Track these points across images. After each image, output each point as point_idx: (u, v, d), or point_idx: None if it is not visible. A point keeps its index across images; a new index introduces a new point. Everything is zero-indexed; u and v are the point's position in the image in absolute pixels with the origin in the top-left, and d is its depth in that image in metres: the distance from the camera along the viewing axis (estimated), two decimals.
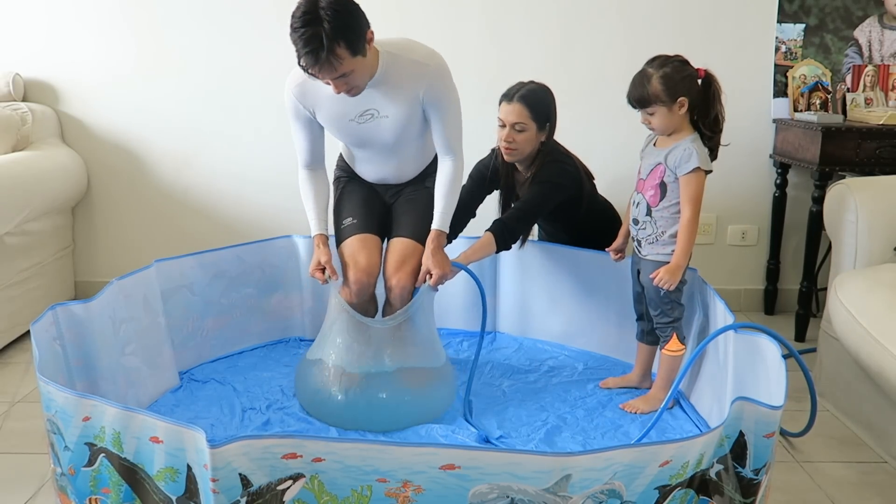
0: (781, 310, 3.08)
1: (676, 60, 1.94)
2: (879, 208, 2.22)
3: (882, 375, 1.86)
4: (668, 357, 2.06)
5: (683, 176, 1.95)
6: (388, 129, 2.04)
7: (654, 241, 2.04)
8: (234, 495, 1.29)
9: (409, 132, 2.07)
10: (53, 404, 1.47)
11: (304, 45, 1.73)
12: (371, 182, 2.26)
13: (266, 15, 2.91)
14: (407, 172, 2.23)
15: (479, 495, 1.29)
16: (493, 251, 2.20)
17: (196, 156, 3.03)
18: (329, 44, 1.73)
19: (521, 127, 2.20)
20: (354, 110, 2.01)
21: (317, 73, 1.80)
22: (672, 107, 1.93)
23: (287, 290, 2.55)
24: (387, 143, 2.08)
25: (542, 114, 2.22)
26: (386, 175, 2.22)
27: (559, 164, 2.27)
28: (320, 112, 2.03)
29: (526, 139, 2.22)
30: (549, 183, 2.24)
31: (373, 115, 2.01)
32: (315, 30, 1.71)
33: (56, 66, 2.96)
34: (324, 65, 1.76)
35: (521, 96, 2.20)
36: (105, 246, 3.10)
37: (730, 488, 1.45)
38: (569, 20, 2.92)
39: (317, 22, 1.71)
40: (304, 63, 1.77)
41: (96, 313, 1.89)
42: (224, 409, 2.07)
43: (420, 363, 2.08)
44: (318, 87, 1.96)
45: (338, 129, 2.07)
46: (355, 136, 2.08)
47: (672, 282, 1.98)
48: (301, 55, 1.76)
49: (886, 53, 2.98)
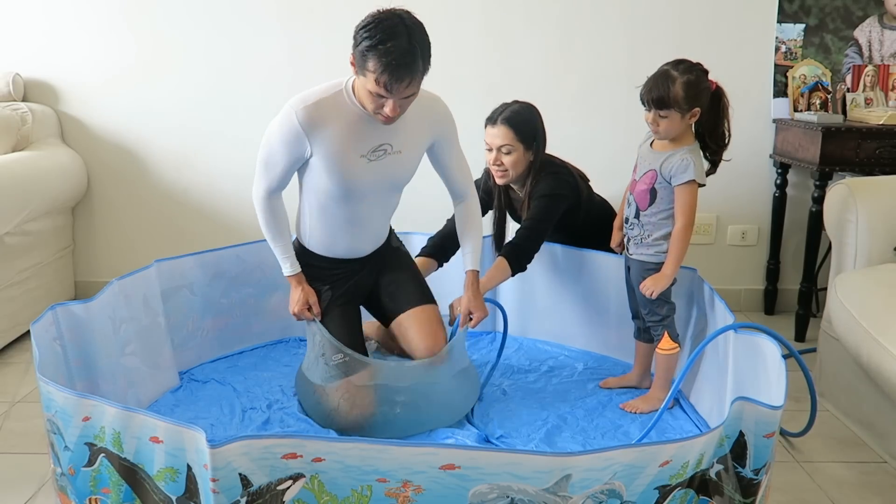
0: (781, 310, 3.08)
1: (699, 69, 1.93)
2: (879, 208, 2.22)
3: (882, 375, 1.86)
4: (663, 356, 2.06)
5: (678, 186, 1.94)
6: (402, 166, 1.93)
7: (639, 243, 2.05)
8: (234, 495, 1.29)
9: (412, 172, 1.98)
10: (53, 404, 1.47)
11: (394, 58, 1.65)
12: (339, 266, 2.06)
13: (266, 15, 2.91)
14: (382, 233, 2.11)
15: (479, 495, 1.29)
16: (509, 275, 2.21)
17: (196, 156, 3.03)
18: (418, 59, 1.68)
19: (507, 149, 2.19)
20: (367, 144, 1.86)
21: (398, 86, 1.69)
22: (686, 115, 1.91)
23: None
24: (397, 185, 1.98)
25: (528, 133, 2.21)
26: (365, 238, 2.05)
27: (556, 177, 2.27)
28: (323, 145, 1.83)
29: (514, 161, 2.22)
30: (550, 196, 2.24)
31: (386, 151, 1.89)
32: (404, 44, 1.65)
33: (56, 66, 2.96)
34: (411, 80, 1.69)
35: (504, 118, 2.19)
36: (105, 246, 3.10)
37: (730, 488, 1.45)
38: (568, 21, 2.92)
39: (404, 36, 1.66)
40: (388, 78, 1.67)
41: (96, 313, 1.89)
42: (224, 409, 2.07)
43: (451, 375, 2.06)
44: (329, 116, 1.82)
45: (341, 169, 1.86)
46: (360, 181, 1.89)
47: (656, 290, 1.98)
48: (386, 69, 1.66)
49: (886, 53, 2.98)
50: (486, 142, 2.24)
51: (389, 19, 1.68)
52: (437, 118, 1.96)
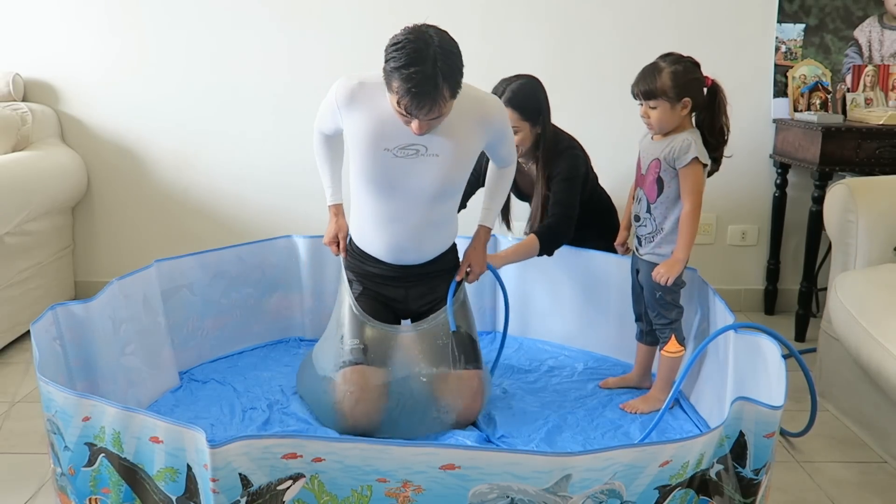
0: (781, 310, 3.08)
1: (689, 61, 1.93)
2: (879, 208, 2.22)
3: (882, 375, 1.86)
4: (668, 358, 2.06)
5: (682, 168, 1.93)
6: (435, 170, 1.84)
7: (652, 240, 2.03)
8: (234, 495, 1.29)
9: (455, 179, 1.89)
10: (53, 404, 1.47)
11: (414, 85, 1.61)
12: (384, 270, 2.00)
13: (266, 15, 2.91)
14: (430, 246, 1.99)
15: (479, 495, 1.29)
16: (535, 254, 2.21)
17: (196, 156, 3.03)
18: (440, 87, 1.63)
19: (514, 129, 2.16)
20: (395, 140, 1.80)
21: (418, 113, 1.66)
22: (675, 105, 1.92)
23: (287, 290, 2.55)
24: (425, 192, 1.87)
25: (532, 110, 2.20)
26: (406, 246, 1.95)
27: (573, 157, 2.27)
28: (354, 125, 1.83)
29: (521, 139, 2.21)
30: (572, 179, 2.24)
31: (418, 152, 1.81)
32: (427, 70, 1.61)
33: (56, 66, 2.96)
34: (431, 108, 1.65)
35: (507, 99, 2.16)
36: (105, 246, 3.10)
37: (730, 488, 1.45)
38: (568, 19, 2.93)
39: (429, 62, 1.61)
40: (409, 103, 1.64)
41: (96, 313, 1.89)
42: (224, 409, 2.07)
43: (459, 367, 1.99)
44: (366, 99, 1.80)
45: (365, 156, 1.83)
46: (384, 173, 1.84)
47: (670, 276, 1.94)
48: (406, 94, 1.63)
49: (886, 53, 2.98)
50: None
51: (418, 41, 1.63)
52: (488, 121, 1.88)
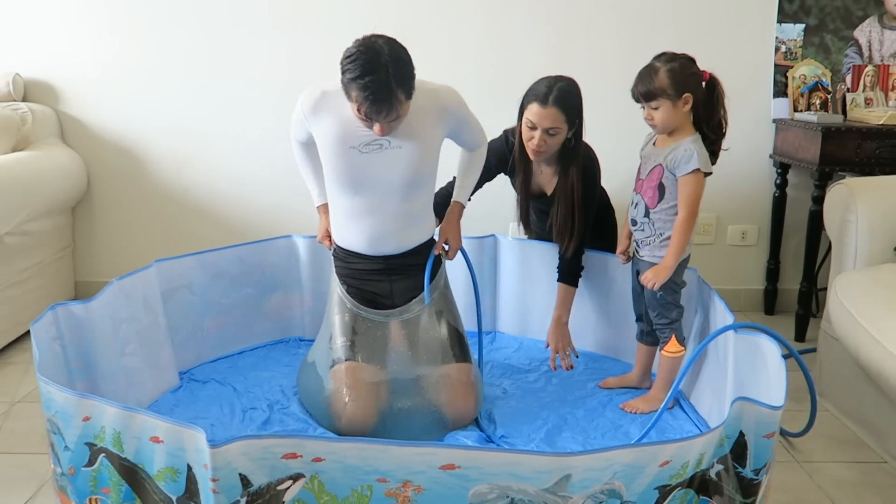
0: (781, 310, 3.08)
1: (684, 58, 1.94)
2: (879, 208, 2.22)
3: (882, 375, 1.86)
4: (668, 358, 2.06)
5: (682, 177, 1.94)
6: (401, 162, 1.92)
7: (651, 243, 2.04)
8: (234, 495, 1.29)
9: (422, 170, 1.96)
10: (53, 404, 1.47)
11: (371, 92, 1.72)
12: (368, 263, 2.05)
13: (265, 16, 2.91)
14: (407, 235, 2.04)
15: (479, 495, 1.29)
16: (574, 291, 2.32)
17: (196, 156, 3.03)
18: (395, 92, 1.74)
19: (554, 131, 2.11)
20: (359, 138, 1.90)
21: (377, 118, 1.78)
22: (677, 102, 1.92)
23: (287, 290, 2.55)
24: (394, 184, 1.94)
25: (575, 114, 2.14)
26: (383, 237, 2.01)
27: (590, 168, 2.26)
28: (320, 130, 1.94)
29: (558, 142, 2.15)
30: (589, 202, 2.27)
31: (381, 146, 1.90)
32: (381, 78, 1.72)
33: (56, 66, 2.96)
34: (389, 111, 1.76)
35: (555, 99, 2.08)
36: (105, 246, 3.10)
37: (730, 488, 1.45)
38: (568, 20, 2.93)
39: (382, 71, 1.72)
40: (368, 109, 1.75)
41: (96, 313, 1.89)
42: (224, 409, 2.07)
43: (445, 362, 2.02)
44: (329, 107, 1.92)
45: (334, 157, 1.93)
46: (353, 170, 1.92)
47: (657, 281, 1.97)
48: (365, 102, 1.74)
49: (886, 53, 2.98)
50: (529, 119, 2.11)
51: (369, 52, 1.74)
52: (444, 109, 1.96)
